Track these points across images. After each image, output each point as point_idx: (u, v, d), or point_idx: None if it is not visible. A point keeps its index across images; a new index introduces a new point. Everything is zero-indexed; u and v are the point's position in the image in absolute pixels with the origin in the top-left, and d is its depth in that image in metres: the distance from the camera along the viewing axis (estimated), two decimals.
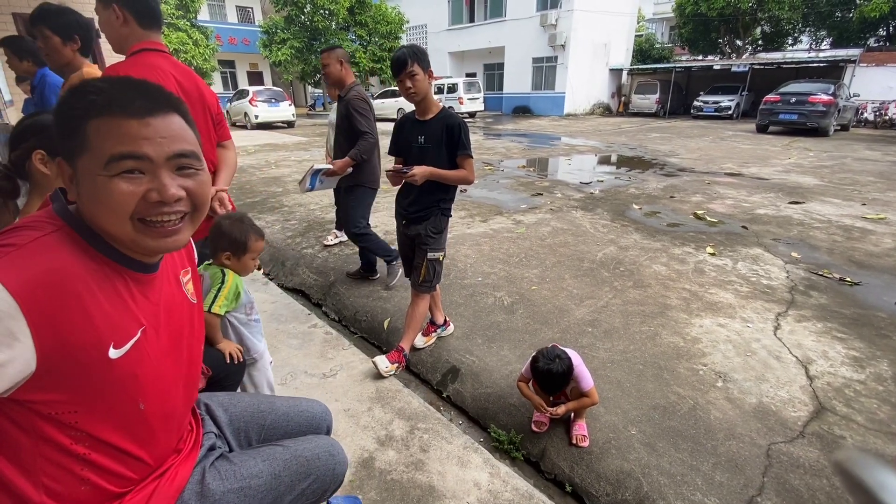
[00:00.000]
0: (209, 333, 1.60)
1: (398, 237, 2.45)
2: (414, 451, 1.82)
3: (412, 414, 2.03)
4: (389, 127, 3.81)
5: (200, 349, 0.99)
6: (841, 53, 19.22)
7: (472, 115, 19.81)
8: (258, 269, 3.79)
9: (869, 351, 2.48)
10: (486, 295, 3.10)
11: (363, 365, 2.37)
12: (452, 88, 19.01)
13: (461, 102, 18.50)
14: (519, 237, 4.29)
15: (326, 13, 20.08)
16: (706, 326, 2.71)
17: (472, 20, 24.55)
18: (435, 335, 2.58)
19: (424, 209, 2.22)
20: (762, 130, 13.76)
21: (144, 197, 0.69)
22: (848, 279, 3.37)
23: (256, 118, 16.04)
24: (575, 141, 12.41)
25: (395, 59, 1.99)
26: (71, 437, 0.71)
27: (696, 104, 19.29)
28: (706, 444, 1.83)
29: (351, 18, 21.42)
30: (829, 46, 23.40)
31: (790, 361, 2.38)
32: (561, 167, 8.49)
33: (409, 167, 2.07)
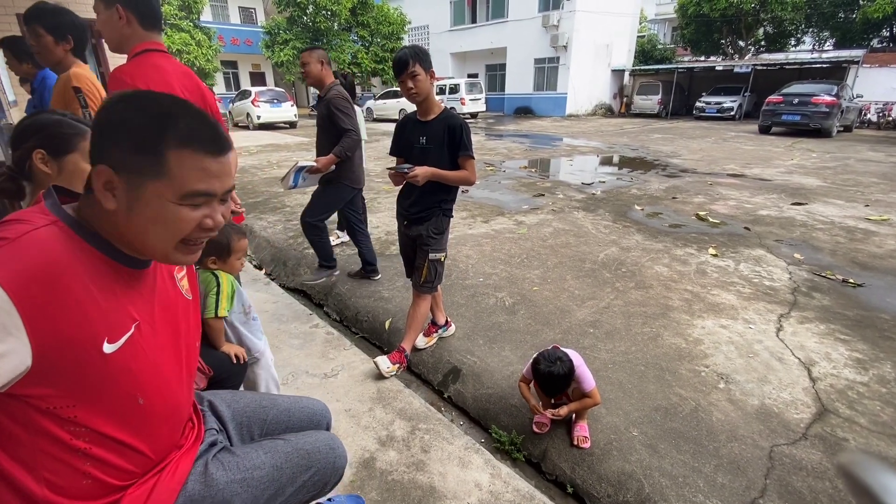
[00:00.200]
0: (214, 337, 1.60)
1: (399, 238, 2.45)
2: (415, 451, 1.82)
3: (413, 414, 2.03)
4: (391, 128, 3.81)
5: (197, 344, 1.00)
6: (844, 54, 19.15)
7: (473, 115, 19.82)
8: (259, 269, 3.80)
9: (872, 353, 2.47)
10: (487, 296, 3.10)
11: (364, 365, 2.38)
12: (454, 89, 19.02)
13: (463, 103, 18.50)
14: (520, 238, 4.29)
15: (329, 14, 20.12)
16: (708, 328, 2.71)
17: (474, 21, 24.57)
18: (436, 336, 2.58)
19: (426, 210, 2.22)
20: (765, 131, 13.72)
21: (199, 224, 0.74)
22: (851, 281, 3.36)
23: (259, 119, 16.09)
24: (577, 142, 12.40)
25: (396, 59, 2.00)
26: (70, 431, 0.72)
27: (698, 105, 19.24)
28: (708, 445, 1.82)
29: (353, 19, 21.46)
30: (832, 47, 23.33)
31: (793, 363, 2.37)
32: (563, 168, 8.49)
33: (410, 167, 2.07)
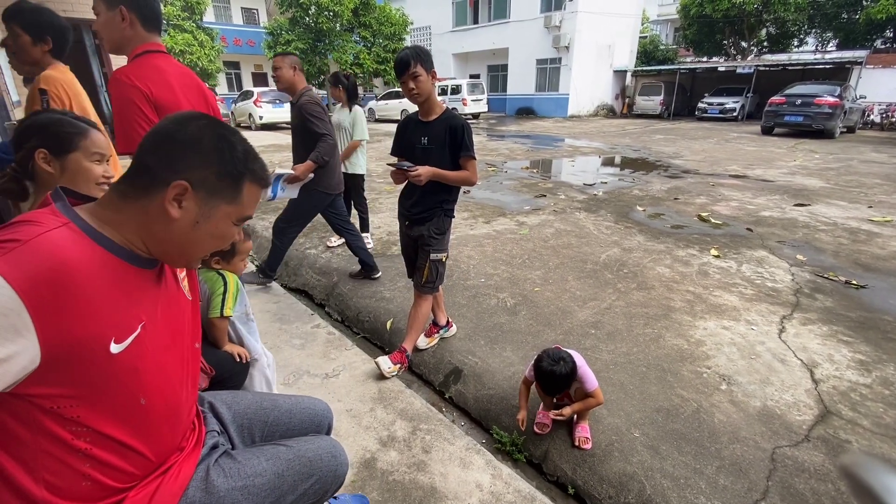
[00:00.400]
0: (217, 337, 1.61)
1: (401, 238, 2.45)
2: (416, 451, 1.82)
3: (414, 415, 2.02)
4: (393, 128, 3.81)
5: (199, 345, 1.01)
6: (847, 55, 19.08)
7: (475, 116, 19.83)
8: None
9: (875, 354, 2.46)
10: (488, 296, 3.10)
11: (366, 365, 2.38)
12: (456, 90, 19.03)
13: (465, 104, 18.51)
14: (522, 238, 4.29)
15: (331, 15, 20.14)
16: (710, 329, 2.70)
17: (476, 21, 24.58)
18: (437, 336, 2.58)
19: (427, 210, 2.22)
20: (767, 132, 13.69)
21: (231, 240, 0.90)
22: (854, 282, 3.35)
23: (261, 119, 16.11)
24: (578, 142, 12.39)
25: (398, 60, 2.00)
26: (72, 431, 0.72)
27: (700, 106, 19.21)
28: (710, 447, 1.82)
29: (355, 20, 21.48)
30: (835, 48, 23.27)
31: (795, 364, 2.37)
32: (564, 169, 8.49)
33: (411, 164, 2.07)
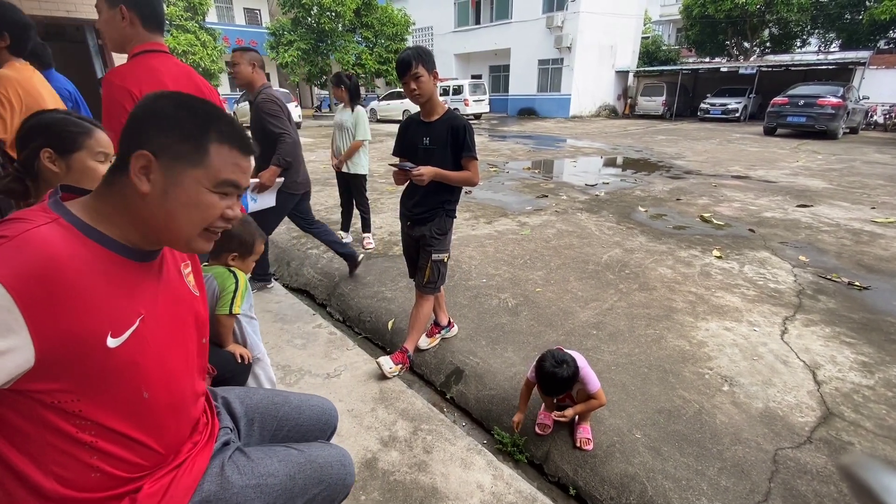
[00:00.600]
0: (222, 334, 1.61)
1: (403, 238, 2.45)
2: (417, 452, 1.82)
3: (416, 415, 2.02)
4: (395, 128, 3.81)
5: (206, 340, 1.01)
6: (850, 56, 19.03)
7: (477, 116, 19.83)
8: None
9: (878, 356, 2.45)
10: (490, 297, 3.10)
11: (367, 365, 2.38)
12: (458, 90, 19.04)
13: (466, 104, 18.52)
14: (523, 239, 4.29)
15: (333, 15, 20.18)
16: (712, 330, 2.69)
17: (478, 22, 24.59)
18: (439, 336, 2.58)
19: (429, 210, 2.22)
20: (770, 133, 13.66)
21: (222, 214, 0.83)
22: (857, 283, 3.34)
23: None
24: (580, 143, 12.38)
25: (400, 60, 2.00)
26: (76, 425, 0.72)
27: (702, 106, 19.19)
28: (712, 448, 1.81)
29: (357, 20, 21.52)
30: (838, 49, 23.20)
31: (797, 366, 2.36)
32: (566, 169, 8.48)
33: (413, 164, 2.07)
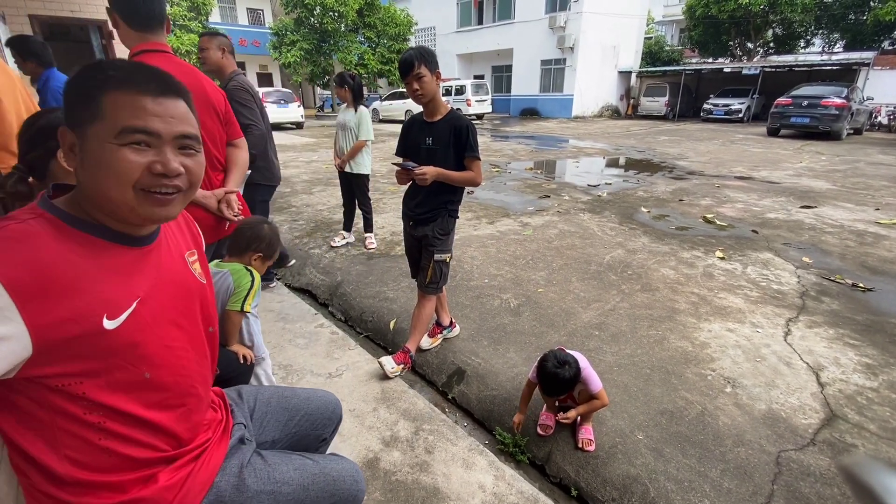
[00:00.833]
0: (230, 331, 1.63)
1: (405, 238, 2.45)
2: (419, 452, 1.82)
3: (417, 415, 2.02)
4: (397, 129, 3.81)
5: (215, 327, 1.02)
6: (854, 56, 18.93)
7: (479, 116, 19.81)
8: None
9: (882, 358, 2.44)
10: (492, 297, 3.10)
11: (369, 365, 2.38)
12: (460, 90, 19.03)
13: (469, 104, 18.50)
14: (526, 239, 4.28)
15: (336, 15, 20.21)
16: (715, 331, 2.68)
17: (480, 22, 24.58)
18: (441, 336, 2.58)
19: (432, 210, 2.22)
20: (773, 134, 13.61)
21: (149, 168, 0.74)
22: (861, 285, 3.32)
23: None
24: (583, 143, 12.36)
25: (402, 60, 2.00)
26: (82, 407, 0.74)
27: (705, 107, 19.14)
28: (714, 450, 1.81)
29: (360, 20, 21.54)
30: (842, 49, 23.08)
31: (801, 368, 2.35)
32: (568, 169, 8.47)
33: (415, 164, 2.08)
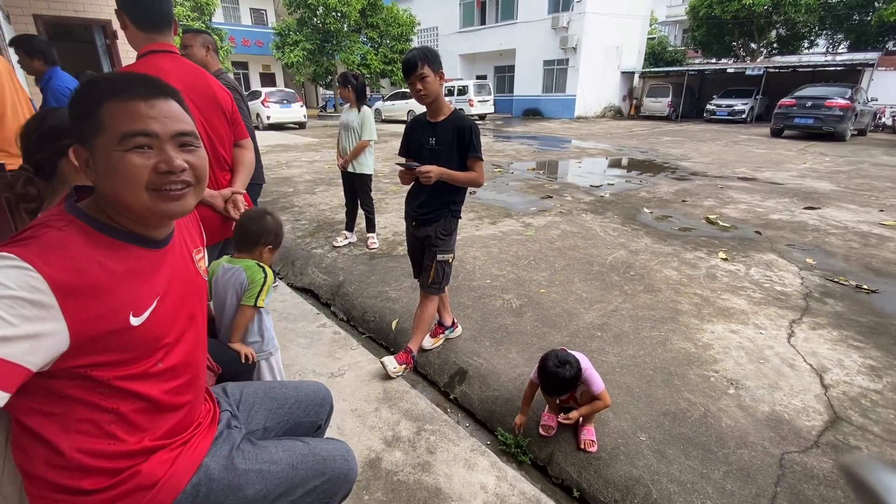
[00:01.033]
0: (240, 325, 1.64)
1: (407, 238, 2.45)
2: (421, 452, 1.82)
3: (419, 415, 2.03)
4: (400, 129, 3.81)
5: (205, 318, 1.07)
6: (858, 57, 18.87)
7: (482, 117, 19.80)
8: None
9: (886, 360, 2.43)
10: (494, 297, 3.09)
11: (371, 365, 2.38)
12: (463, 90, 19.03)
13: (471, 104, 18.49)
14: (528, 240, 4.28)
15: (338, 15, 20.26)
16: (718, 332, 2.68)
17: (483, 22, 24.58)
18: (443, 337, 2.58)
19: (434, 211, 2.22)
20: (777, 135, 13.57)
21: (155, 168, 0.79)
22: (864, 286, 3.31)
23: (268, 119, 16.23)
24: (585, 144, 12.35)
25: (405, 61, 2.00)
26: (102, 394, 0.80)
27: (709, 108, 19.08)
28: (717, 451, 1.80)
29: (363, 21, 21.59)
30: (846, 50, 23.01)
31: (804, 369, 2.34)
32: (571, 170, 8.46)
33: (418, 164, 2.07)
